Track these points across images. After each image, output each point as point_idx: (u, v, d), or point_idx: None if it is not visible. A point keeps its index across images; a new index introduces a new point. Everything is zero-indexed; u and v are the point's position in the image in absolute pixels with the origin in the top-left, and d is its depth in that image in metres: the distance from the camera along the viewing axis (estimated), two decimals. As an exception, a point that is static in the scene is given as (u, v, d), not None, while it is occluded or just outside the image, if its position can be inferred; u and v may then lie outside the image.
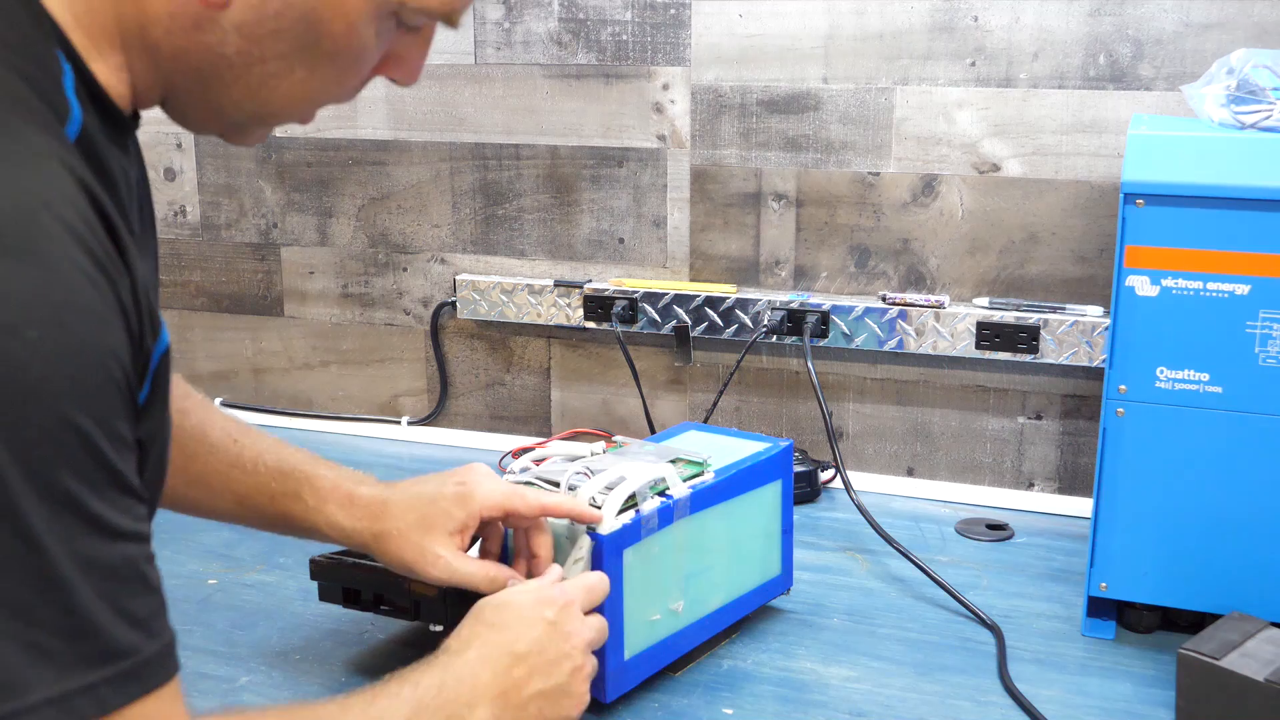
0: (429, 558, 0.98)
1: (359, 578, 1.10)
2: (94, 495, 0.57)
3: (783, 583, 1.22)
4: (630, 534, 1.01)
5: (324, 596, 1.13)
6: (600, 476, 1.05)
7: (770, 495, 1.19)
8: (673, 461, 1.11)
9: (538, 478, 1.08)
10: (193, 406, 1.02)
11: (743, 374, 1.64)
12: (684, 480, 1.09)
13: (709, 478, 1.11)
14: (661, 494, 1.06)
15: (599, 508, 1.01)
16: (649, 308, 1.63)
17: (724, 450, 1.18)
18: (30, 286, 0.55)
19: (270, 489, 1.02)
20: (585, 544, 0.99)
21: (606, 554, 1.00)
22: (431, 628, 1.07)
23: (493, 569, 0.99)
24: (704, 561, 1.10)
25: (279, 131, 1.77)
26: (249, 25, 0.67)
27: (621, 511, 1.02)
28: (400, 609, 1.09)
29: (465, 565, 0.99)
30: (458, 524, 0.99)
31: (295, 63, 0.69)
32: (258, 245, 1.83)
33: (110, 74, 0.67)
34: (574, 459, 1.14)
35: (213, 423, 1.03)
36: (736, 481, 1.13)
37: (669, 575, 1.07)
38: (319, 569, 1.13)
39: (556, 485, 1.06)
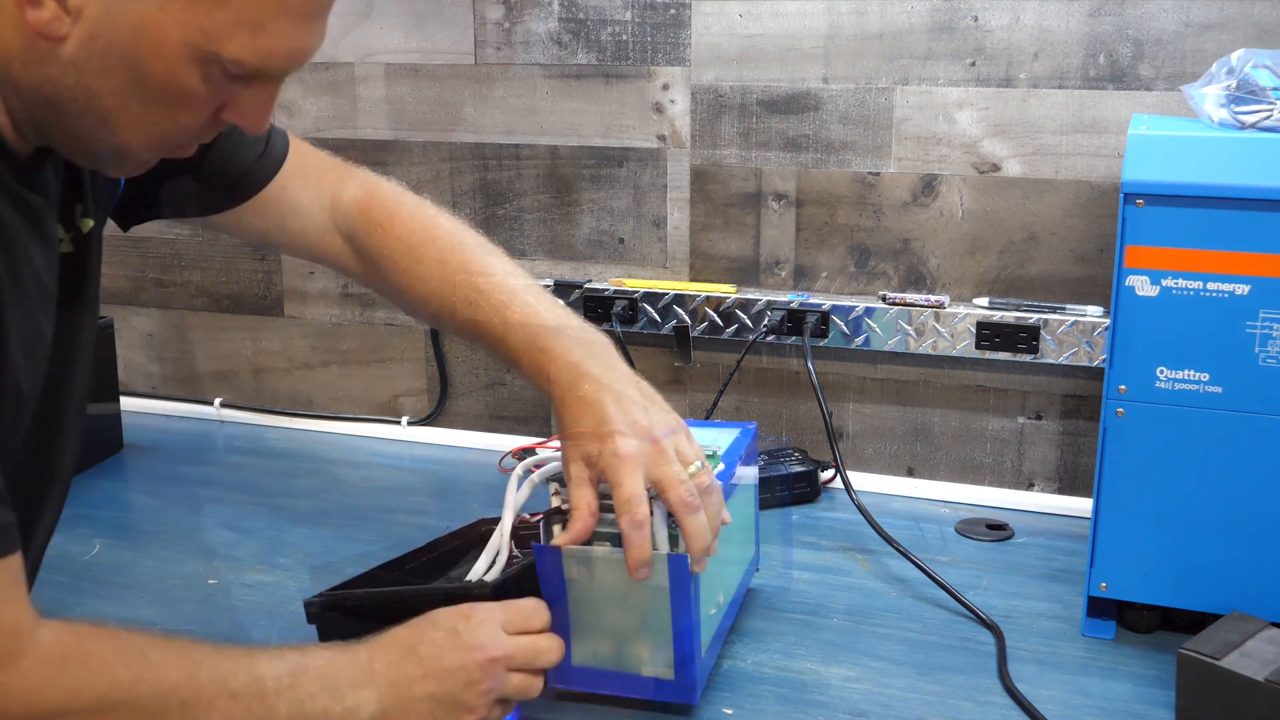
0: (564, 465, 0.97)
1: (364, 612, 1.03)
2: None
3: (754, 563, 1.25)
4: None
5: (325, 637, 1.06)
6: None
7: (750, 478, 1.22)
8: None
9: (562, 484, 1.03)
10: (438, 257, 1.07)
11: (743, 374, 1.64)
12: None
13: (721, 468, 1.11)
14: None
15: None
16: (649, 308, 1.63)
17: (702, 440, 1.17)
18: None
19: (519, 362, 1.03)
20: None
21: (683, 571, 0.96)
22: None
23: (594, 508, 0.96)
24: (723, 552, 1.10)
25: (279, 131, 1.77)
26: (82, 61, 0.73)
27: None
28: None
29: (575, 491, 0.96)
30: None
31: (128, 99, 0.75)
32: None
33: None
34: None
35: (449, 291, 1.05)
36: (735, 469, 1.14)
37: (712, 568, 1.06)
38: (316, 611, 1.06)
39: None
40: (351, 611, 1.06)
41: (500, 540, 1.07)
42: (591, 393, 0.96)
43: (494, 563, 1.10)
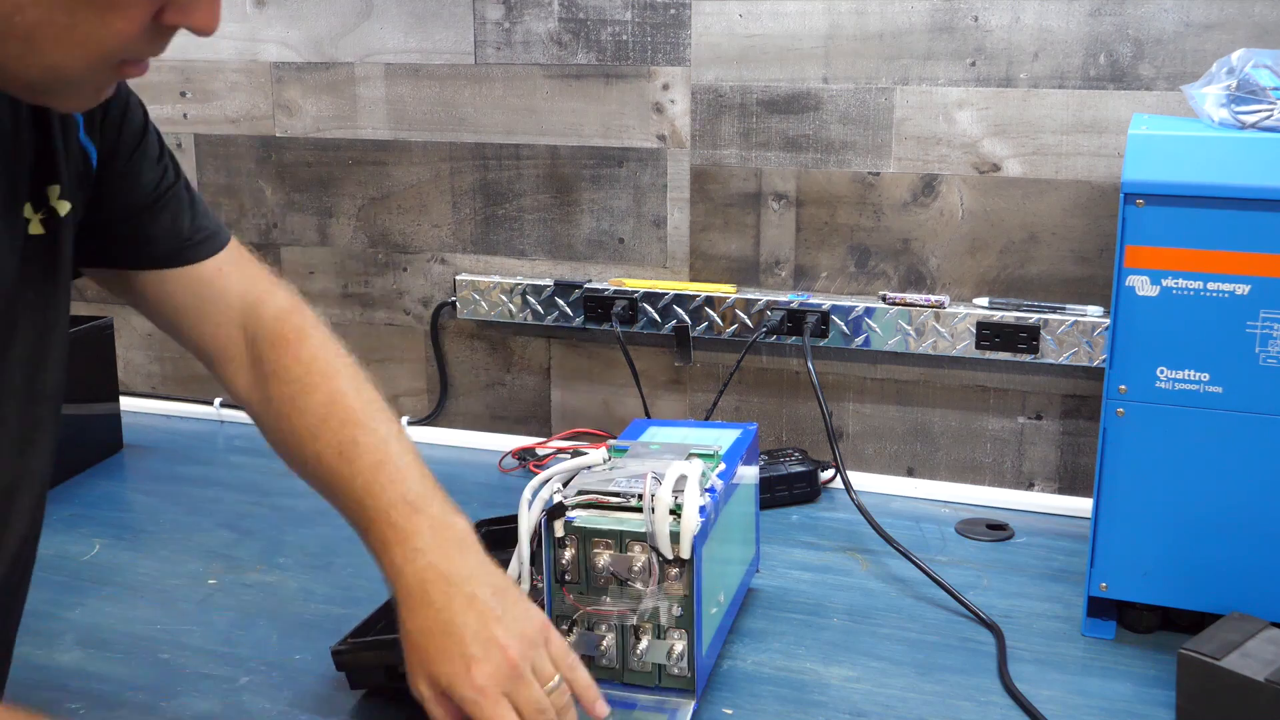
0: (410, 674, 0.90)
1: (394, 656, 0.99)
2: None
3: (754, 563, 1.25)
4: (703, 532, 1.00)
5: (356, 684, 1.07)
6: (661, 478, 1.01)
7: (751, 478, 1.21)
8: (687, 458, 1.11)
9: (600, 493, 1.02)
10: (322, 400, 0.99)
11: (743, 374, 1.64)
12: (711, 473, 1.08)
13: (723, 467, 1.11)
14: (706, 489, 1.05)
15: (677, 514, 0.98)
16: (649, 308, 1.63)
17: (703, 440, 1.18)
18: None
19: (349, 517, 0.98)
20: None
21: (694, 554, 0.97)
22: None
23: None
24: (724, 552, 1.11)
25: (279, 131, 1.77)
26: None
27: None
28: None
29: (433, 708, 0.88)
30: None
31: (52, 9, 0.67)
32: (258, 245, 1.83)
33: None
34: (589, 468, 1.11)
35: (327, 432, 0.98)
36: (736, 469, 1.14)
37: (714, 567, 1.07)
38: (346, 658, 1.06)
39: (619, 495, 1.01)
40: (382, 656, 1.05)
41: (520, 568, 1.07)
42: (440, 597, 0.89)
43: None
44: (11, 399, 0.85)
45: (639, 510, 1.00)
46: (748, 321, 1.59)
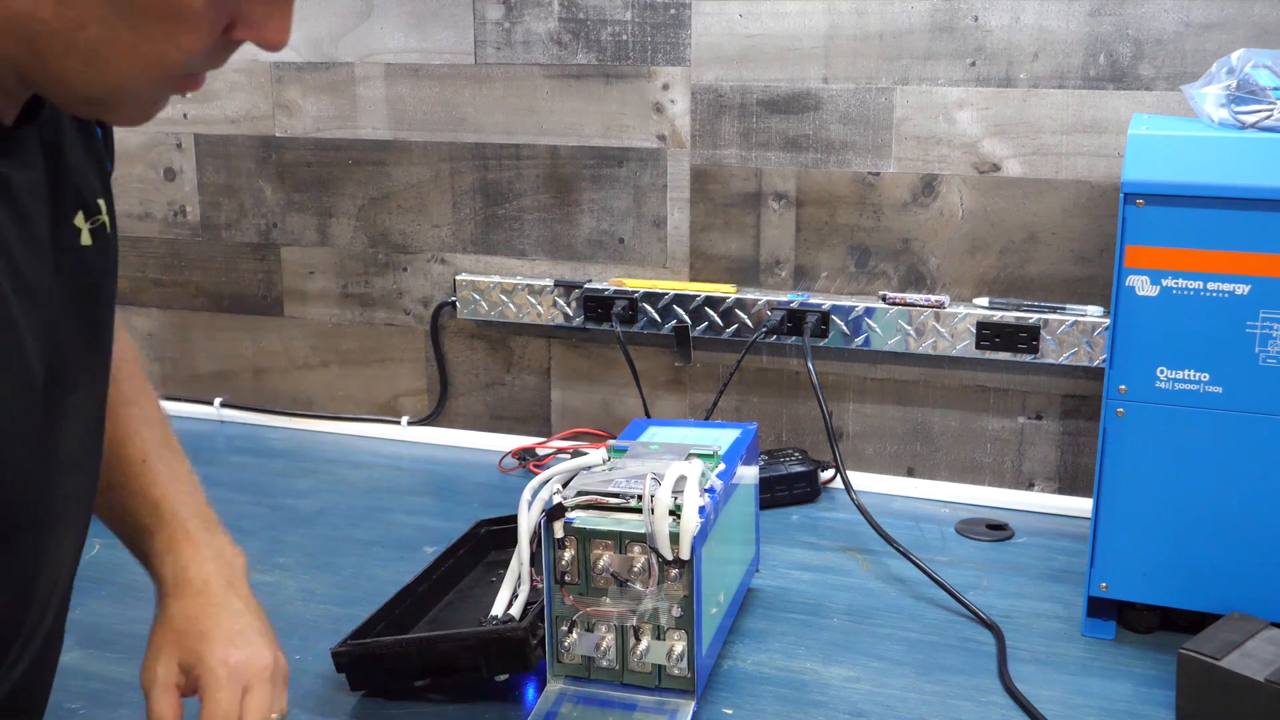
0: (146, 663, 0.89)
1: (395, 659, 1.01)
2: None
3: (754, 563, 1.26)
4: (702, 533, 1.00)
5: (356, 685, 1.09)
6: (660, 479, 1.02)
7: (751, 478, 1.21)
8: (687, 458, 1.11)
9: (599, 494, 1.02)
10: (129, 418, 0.99)
11: (743, 374, 1.64)
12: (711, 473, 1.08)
13: (723, 467, 1.11)
14: (705, 490, 1.05)
15: (677, 514, 0.98)
16: (649, 308, 1.63)
17: (703, 440, 1.18)
18: None
19: (127, 524, 0.98)
20: None
21: (694, 555, 0.98)
22: (496, 678, 1.07)
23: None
24: (724, 552, 1.11)
25: (279, 131, 1.77)
26: None
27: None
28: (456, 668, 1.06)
29: (159, 696, 0.87)
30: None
31: (117, 25, 0.65)
32: (258, 245, 1.83)
33: None
34: (589, 468, 1.11)
35: (137, 441, 0.99)
36: (736, 469, 1.14)
37: (714, 567, 1.07)
38: (346, 661, 1.08)
39: (618, 496, 1.01)
40: (382, 659, 1.07)
41: (520, 569, 1.07)
42: (219, 592, 0.91)
43: (515, 595, 1.09)
44: (67, 419, 0.83)
45: (639, 511, 1.00)
46: (748, 321, 1.59)
